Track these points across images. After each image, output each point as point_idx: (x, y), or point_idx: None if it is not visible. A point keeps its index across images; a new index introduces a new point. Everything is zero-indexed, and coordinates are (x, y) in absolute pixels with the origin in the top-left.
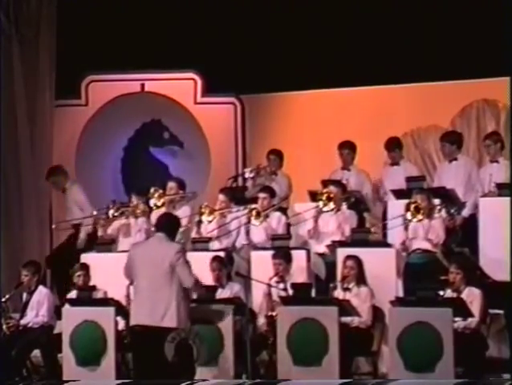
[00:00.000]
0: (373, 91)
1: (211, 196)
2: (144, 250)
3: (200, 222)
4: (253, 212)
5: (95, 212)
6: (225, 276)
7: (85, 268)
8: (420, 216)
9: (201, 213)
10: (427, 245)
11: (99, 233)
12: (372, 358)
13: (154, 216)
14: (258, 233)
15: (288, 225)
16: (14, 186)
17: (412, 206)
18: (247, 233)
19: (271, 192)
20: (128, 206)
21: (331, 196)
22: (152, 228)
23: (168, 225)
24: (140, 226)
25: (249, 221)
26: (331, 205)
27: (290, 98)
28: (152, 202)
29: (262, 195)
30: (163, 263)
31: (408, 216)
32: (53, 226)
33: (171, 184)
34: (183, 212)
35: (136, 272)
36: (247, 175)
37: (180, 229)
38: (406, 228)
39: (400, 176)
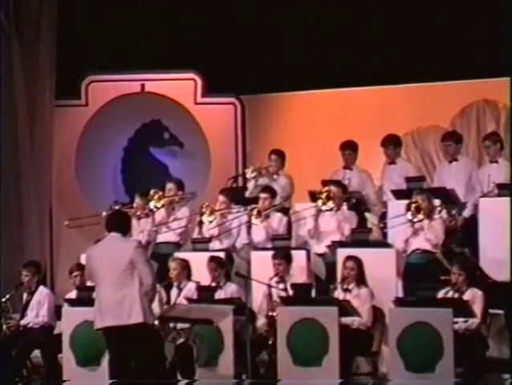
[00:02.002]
0: (373, 91)
1: (211, 197)
2: (101, 251)
3: (201, 222)
4: (254, 212)
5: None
6: (223, 276)
7: (83, 268)
8: (420, 217)
9: (202, 213)
10: (427, 246)
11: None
12: (372, 359)
13: (157, 216)
14: (259, 233)
15: (290, 225)
16: (14, 186)
17: (413, 206)
18: (248, 232)
19: (272, 193)
20: (130, 207)
21: (331, 195)
22: (154, 228)
23: (121, 224)
24: (142, 227)
25: (249, 221)
26: (330, 204)
27: (290, 98)
28: (152, 204)
29: (263, 195)
30: (123, 260)
31: (409, 216)
32: (65, 223)
33: (170, 185)
34: (182, 213)
35: (97, 274)
36: (248, 175)
37: (180, 230)
38: (406, 228)
39: (398, 175)
